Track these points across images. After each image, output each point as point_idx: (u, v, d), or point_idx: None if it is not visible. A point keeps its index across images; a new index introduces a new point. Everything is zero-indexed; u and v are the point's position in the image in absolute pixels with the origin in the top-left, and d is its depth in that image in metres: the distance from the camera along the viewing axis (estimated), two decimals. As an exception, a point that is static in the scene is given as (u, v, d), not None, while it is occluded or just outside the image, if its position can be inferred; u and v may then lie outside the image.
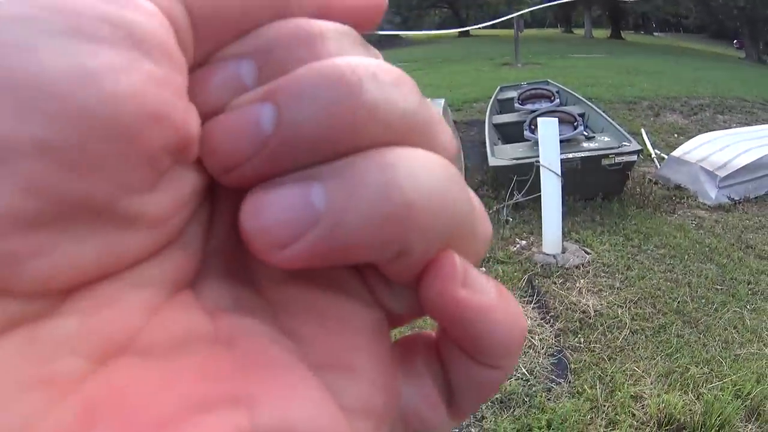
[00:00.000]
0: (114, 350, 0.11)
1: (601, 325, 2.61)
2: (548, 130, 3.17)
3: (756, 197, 4.20)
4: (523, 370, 2.32)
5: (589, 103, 5.55)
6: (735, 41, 22.83)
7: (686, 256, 3.32)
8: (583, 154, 3.82)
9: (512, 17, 12.59)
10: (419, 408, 0.15)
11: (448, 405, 0.16)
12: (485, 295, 0.14)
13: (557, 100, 5.74)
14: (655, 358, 2.39)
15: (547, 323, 2.65)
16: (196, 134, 0.12)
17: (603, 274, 3.08)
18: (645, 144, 5.36)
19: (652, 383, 2.23)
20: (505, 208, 3.78)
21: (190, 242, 0.14)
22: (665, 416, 2.03)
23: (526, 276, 3.04)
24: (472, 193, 0.14)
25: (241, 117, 0.12)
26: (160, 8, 0.12)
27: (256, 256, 0.12)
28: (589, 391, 2.18)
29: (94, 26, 0.11)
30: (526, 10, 14.04)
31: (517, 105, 5.75)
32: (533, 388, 2.22)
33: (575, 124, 4.36)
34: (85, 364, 0.11)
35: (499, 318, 0.14)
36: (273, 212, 0.12)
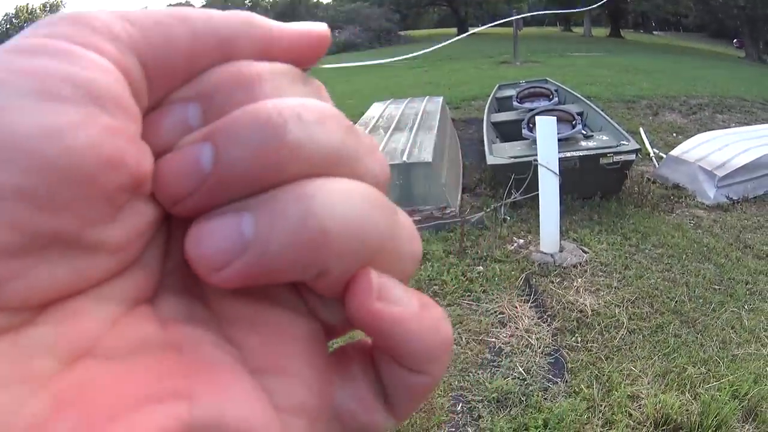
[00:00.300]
0: (80, 354, 0.13)
1: (598, 325, 2.61)
2: (546, 128, 3.17)
3: (755, 197, 4.20)
4: (520, 369, 2.31)
5: (588, 102, 5.56)
6: (735, 40, 22.86)
7: (684, 256, 3.32)
8: (581, 153, 3.82)
9: (513, 19, 12.58)
10: (354, 410, 0.17)
11: (386, 406, 0.17)
12: (400, 307, 0.15)
13: (556, 99, 5.75)
14: (652, 358, 2.39)
15: (544, 322, 2.65)
16: (150, 172, 0.14)
17: (600, 274, 3.09)
18: (643, 143, 5.36)
19: (649, 383, 2.24)
20: (502, 207, 3.78)
21: (149, 263, 0.16)
22: (662, 416, 2.03)
23: (524, 275, 3.04)
24: (401, 216, 0.16)
25: (184, 157, 0.14)
26: (115, 64, 0.14)
27: (198, 277, 0.15)
28: (586, 391, 2.18)
29: (57, 87, 0.13)
30: (529, 14, 13.99)
31: (515, 103, 5.76)
32: (530, 388, 2.22)
33: (574, 122, 4.36)
34: (56, 364, 0.13)
35: (414, 328, 0.15)
36: (211, 240, 0.14)
